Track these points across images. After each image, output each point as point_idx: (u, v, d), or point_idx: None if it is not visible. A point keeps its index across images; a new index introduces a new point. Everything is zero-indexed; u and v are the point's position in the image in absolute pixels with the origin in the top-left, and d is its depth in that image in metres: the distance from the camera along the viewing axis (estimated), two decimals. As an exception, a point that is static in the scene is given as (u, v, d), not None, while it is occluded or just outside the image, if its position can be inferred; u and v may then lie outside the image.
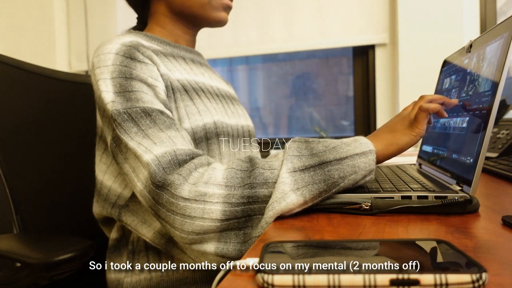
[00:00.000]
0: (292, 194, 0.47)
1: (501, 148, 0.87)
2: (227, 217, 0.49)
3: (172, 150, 0.53)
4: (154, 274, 0.64)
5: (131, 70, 0.60)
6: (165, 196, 0.50)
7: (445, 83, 0.75)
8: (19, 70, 0.78)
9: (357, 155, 0.50)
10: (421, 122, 0.54)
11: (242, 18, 2.03)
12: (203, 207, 0.49)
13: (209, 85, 0.77)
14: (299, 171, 0.49)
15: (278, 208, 0.47)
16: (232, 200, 0.49)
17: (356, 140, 0.52)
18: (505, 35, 0.48)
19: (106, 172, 0.67)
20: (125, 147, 0.56)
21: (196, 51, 0.83)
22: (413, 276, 0.25)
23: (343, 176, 0.49)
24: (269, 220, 0.48)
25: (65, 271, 0.57)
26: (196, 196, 0.49)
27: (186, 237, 0.50)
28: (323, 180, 0.48)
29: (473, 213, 0.45)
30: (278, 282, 0.26)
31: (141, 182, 0.53)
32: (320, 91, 2.14)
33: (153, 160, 0.52)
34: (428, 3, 1.72)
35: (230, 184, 0.50)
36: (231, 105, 0.81)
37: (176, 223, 0.50)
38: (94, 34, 2.24)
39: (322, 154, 0.50)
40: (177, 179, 0.50)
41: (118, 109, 0.57)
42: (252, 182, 0.49)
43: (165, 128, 0.57)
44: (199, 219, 0.49)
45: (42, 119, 0.81)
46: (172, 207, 0.50)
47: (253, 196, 0.49)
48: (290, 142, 0.53)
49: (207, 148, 0.67)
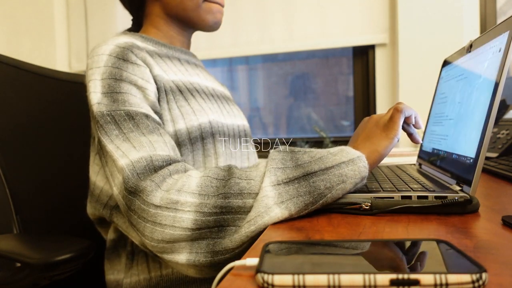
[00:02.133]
0: (276, 207, 0.46)
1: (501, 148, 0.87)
2: (198, 226, 0.48)
3: (148, 155, 0.53)
4: (154, 275, 0.64)
5: (122, 72, 0.60)
6: (137, 203, 0.50)
7: (445, 83, 0.75)
8: (19, 70, 0.78)
9: (343, 163, 0.48)
10: (396, 122, 0.53)
11: (242, 18, 2.03)
12: (174, 215, 0.48)
13: (204, 85, 0.77)
14: (283, 183, 0.47)
15: (261, 222, 0.46)
16: (204, 209, 0.48)
17: (342, 150, 0.50)
18: (505, 35, 0.48)
19: (98, 173, 0.67)
20: (105, 151, 0.56)
21: (190, 53, 0.84)
22: (413, 276, 0.25)
23: (330, 186, 0.46)
24: (250, 235, 0.46)
25: (65, 271, 0.57)
26: (168, 203, 0.48)
27: (156, 246, 0.49)
28: (308, 192, 0.46)
29: (473, 213, 0.45)
30: (278, 282, 0.26)
31: (116, 187, 0.53)
32: (320, 91, 2.14)
33: (128, 165, 0.52)
34: (428, 3, 1.72)
35: (203, 192, 0.49)
36: (226, 105, 0.81)
37: (146, 230, 0.49)
38: (94, 34, 2.24)
39: (307, 165, 0.48)
40: (149, 186, 0.50)
41: (102, 111, 0.57)
42: (227, 192, 0.48)
43: (147, 133, 0.56)
44: (170, 227, 0.48)
45: (42, 119, 0.81)
46: (143, 214, 0.49)
47: (227, 206, 0.48)
48: (274, 152, 0.52)
49: (203, 148, 0.67)
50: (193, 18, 0.76)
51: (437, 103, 0.78)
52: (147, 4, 0.78)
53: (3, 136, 0.72)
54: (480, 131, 0.48)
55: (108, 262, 0.69)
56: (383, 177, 0.65)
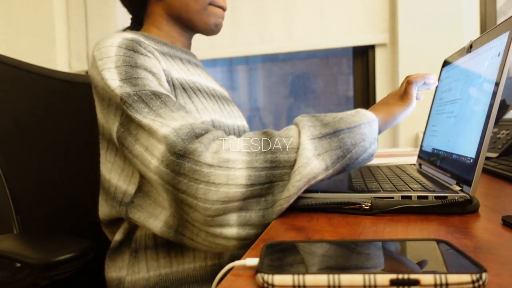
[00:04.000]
0: (315, 159, 0.49)
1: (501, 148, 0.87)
2: (252, 182, 0.49)
3: (188, 123, 0.54)
4: (152, 274, 0.64)
5: (135, 59, 0.61)
6: (188, 165, 0.49)
7: (445, 83, 0.75)
8: (19, 70, 0.78)
9: (363, 124, 0.53)
10: (409, 93, 0.61)
11: (242, 18, 2.03)
12: (227, 173, 0.48)
13: (205, 85, 0.77)
14: (317, 138, 0.51)
15: (304, 172, 0.48)
16: (255, 164, 0.49)
17: (359, 112, 0.55)
18: (505, 35, 0.48)
19: (111, 170, 0.66)
20: (136, 127, 0.55)
21: (191, 53, 0.84)
22: (413, 276, 0.25)
23: (354, 143, 0.51)
24: (296, 184, 0.48)
25: (65, 271, 0.57)
26: (220, 162, 0.49)
27: (210, 207, 0.48)
28: (338, 146, 0.51)
29: (473, 213, 0.45)
30: (278, 282, 0.26)
31: (156, 159, 0.52)
32: (320, 91, 2.14)
33: (171, 132, 0.52)
34: (428, 3, 1.72)
35: (251, 150, 0.51)
36: (226, 105, 0.82)
37: (199, 192, 0.48)
38: (94, 34, 2.24)
39: (332, 124, 0.52)
40: (199, 147, 0.50)
41: (128, 91, 0.57)
42: (272, 147, 0.51)
43: (176, 109, 0.57)
44: (224, 185, 0.48)
45: (42, 119, 0.81)
46: (195, 175, 0.49)
47: (275, 160, 0.50)
48: (299, 117, 0.55)
49: None
50: (195, 20, 0.77)
51: (437, 103, 0.78)
52: (149, 3, 0.78)
53: (3, 136, 0.72)
54: (480, 131, 0.48)
55: (110, 260, 0.69)
56: (383, 177, 0.65)
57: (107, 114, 0.61)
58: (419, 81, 0.62)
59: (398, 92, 0.63)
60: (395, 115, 0.59)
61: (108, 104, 0.59)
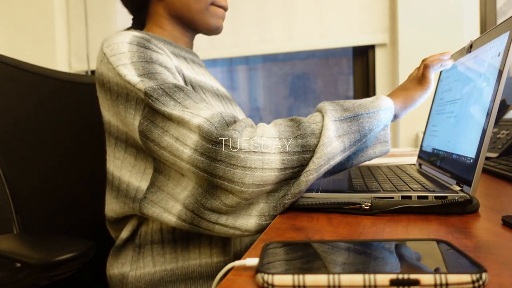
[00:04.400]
0: (335, 140, 0.52)
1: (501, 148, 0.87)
2: (285, 165, 0.51)
3: (217, 112, 0.55)
4: (158, 269, 0.64)
5: (150, 55, 0.61)
6: (224, 151, 0.51)
7: (445, 83, 0.75)
8: (19, 70, 0.78)
9: (381, 110, 0.56)
10: (427, 76, 0.63)
11: (242, 18, 2.03)
12: (262, 158, 0.51)
13: (210, 85, 0.78)
14: (339, 120, 0.54)
15: (325, 151, 0.51)
16: (288, 149, 0.52)
17: (378, 98, 0.58)
18: (506, 35, 0.48)
19: (121, 167, 0.65)
20: (164, 119, 0.55)
21: (194, 53, 0.84)
22: (413, 276, 0.25)
23: (371, 128, 0.54)
24: (316, 161, 0.51)
25: (65, 271, 0.57)
26: (255, 147, 0.51)
27: (246, 191, 0.51)
28: (357, 130, 0.53)
29: (473, 213, 0.45)
30: (278, 282, 0.26)
31: (189, 148, 0.53)
32: (320, 91, 2.14)
33: (204, 122, 0.53)
34: (428, 3, 1.72)
35: (283, 136, 0.53)
36: (229, 105, 0.82)
37: (236, 176, 0.51)
38: (94, 34, 2.24)
39: (353, 108, 0.55)
40: (235, 133, 0.52)
41: (152, 86, 0.57)
42: (303, 133, 0.53)
43: (199, 101, 0.58)
44: (259, 170, 0.51)
45: (42, 119, 0.81)
46: (232, 160, 0.51)
47: (306, 145, 0.52)
48: (321, 104, 0.58)
49: None
50: (197, 20, 0.77)
51: (437, 103, 0.78)
52: (150, 4, 0.78)
53: (3, 136, 0.72)
54: (480, 131, 0.48)
55: (112, 258, 0.69)
56: (383, 177, 0.65)
57: (123, 110, 0.60)
58: (436, 64, 0.64)
59: (416, 76, 0.66)
60: (415, 99, 0.62)
61: (125, 99, 0.59)
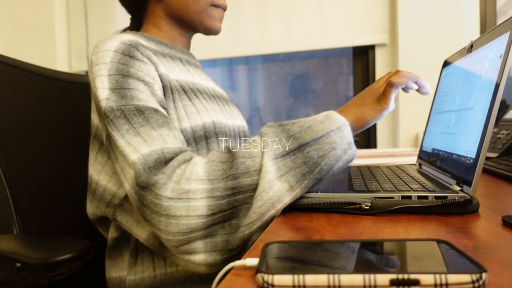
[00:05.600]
0: (277, 182, 0.48)
1: (501, 148, 0.87)
2: (213, 211, 0.49)
3: (159, 148, 0.53)
4: (159, 272, 0.64)
5: (129, 68, 0.60)
6: (149, 197, 0.50)
7: (445, 83, 0.75)
8: (19, 70, 0.78)
9: (332, 132, 0.51)
10: (387, 96, 0.56)
11: (242, 18, 2.03)
12: (187, 205, 0.48)
13: (205, 86, 0.77)
14: (280, 157, 0.49)
15: (266, 197, 0.47)
16: (216, 193, 0.49)
17: (328, 116, 0.53)
18: (506, 35, 0.48)
19: (101, 171, 0.67)
20: (115, 146, 0.55)
21: (190, 53, 0.84)
22: (413, 276, 0.25)
23: (322, 155, 0.49)
24: (258, 210, 0.48)
25: (65, 272, 0.57)
26: (180, 194, 0.49)
27: (172, 239, 0.50)
28: (303, 162, 0.49)
29: (473, 213, 0.45)
30: (278, 282, 0.26)
31: (128, 183, 0.53)
32: (320, 91, 2.14)
33: (139, 159, 0.52)
34: (428, 3, 1.72)
35: (212, 177, 0.49)
36: (226, 106, 0.82)
37: (161, 224, 0.49)
38: (94, 34, 2.24)
39: (299, 135, 0.51)
40: (161, 179, 0.50)
41: (112, 106, 0.57)
42: (235, 172, 0.49)
43: (158, 127, 0.56)
44: (185, 217, 0.48)
45: (42, 119, 0.81)
46: (157, 208, 0.49)
47: (237, 186, 0.49)
48: (264, 128, 0.54)
49: (207, 147, 0.67)
50: (196, 21, 0.77)
51: (437, 103, 0.78)
52: (148, 4, 0.78)
53: (3, 136, 0.72)
54: (480, 131, 0.48)
55: (109, 260, 0.69)
56: (383, 177, 0.65)
57: (100, 120, 0.61)
58: (401, 84, 0.57)
59: (376, 90, 0.59)
60: (368, 121, 0.56)
61: (99, 112, 0.60)
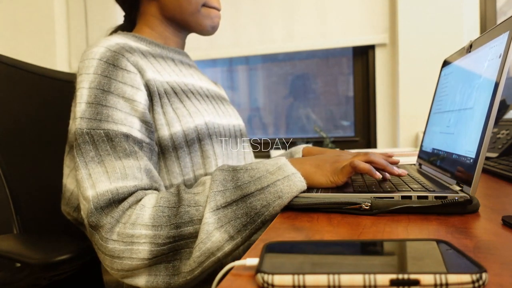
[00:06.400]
0: (217, 232, 0.49)
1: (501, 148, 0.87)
2: (154, 255, 0.51)
3: (115, 188, 0.53)
4: None
5: (111, 82, 0.60)
6: (97, 237, 0.53)
7: (445, 83, 0.75)
8: (19, 70, 0.78)
9: (279, 181, 0.51)
10: (344, 175, 0.55)
11: (242, 18, 2.03)
12: (130, 248, 0.51)
13: (199, 86, 0.77)
14: (222, 208, 0.50)
15: (204, 248, 0.49)
16: (158, 240, 0.51)
17: (280, 168, 0.53)
18: (505, 35, 0.48)
19: (69, 175, 0.67)
20: (78, 172, 0.56)
21: (184, 52, 0.83)
22: (413, 276, 0.25)
23: (266, 204, 0.50)
24: (197, 260, 0.50)
25: (65, 272, 0.57)
26: (124, 238, 0.51)
27: (116, 273, 0.53)
28: (245, 213, 0.50)
29: (473, 213, 0.45)
30: (278, 282, 0.26)
31: (83, 212, 0.55)
32: (320, 91, 2.14)
33: (93, 198, 0.53)
34: (428, 3, 1.72)
35: (156, 223, 0.51)
36: (221, 105, 0.81)
37: (106, 261, 0.53)
38: (94, 34, 2.24)
39: (245, 186, 0.51)
40: (109, 223, 0.52)
41: (82, 128, 0.57)
42: (178, 221, 0.51)
43: (124, 156, 0.56)
44: (128, 259, 0.51)
45: (42, 119, 0.81)
46: (102, 248, 0.52)
47: (179, 235, 0.51)
48: (217, 172, 0.54)
49: (201, 150, 0.67)
50: (190, 22, 0.76)
51: (437, 103, 0.78)
52: (142, 3, 0.77)
53: (3, 136, 0.72)
54: (480, 131, 0.48)
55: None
56: (383, 177, 0.64)
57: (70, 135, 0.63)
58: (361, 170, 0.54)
59: (338, 163, 0.57)
60: (314, 183, 0.55)
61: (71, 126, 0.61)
